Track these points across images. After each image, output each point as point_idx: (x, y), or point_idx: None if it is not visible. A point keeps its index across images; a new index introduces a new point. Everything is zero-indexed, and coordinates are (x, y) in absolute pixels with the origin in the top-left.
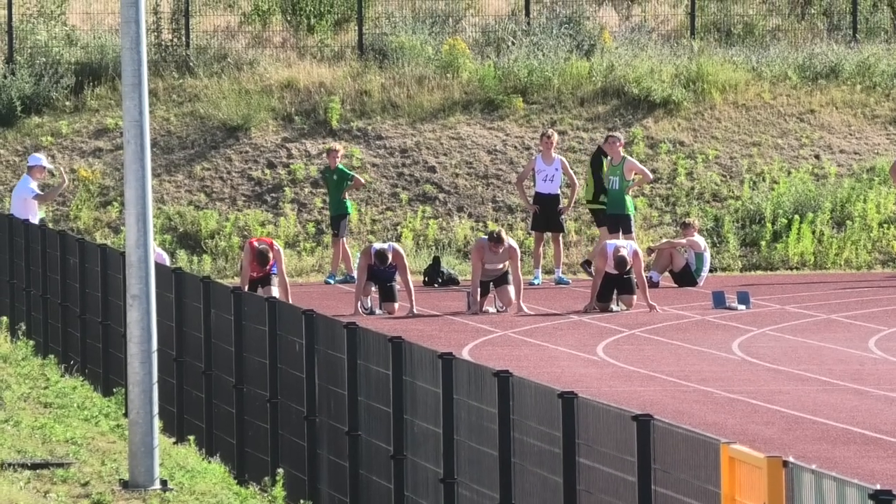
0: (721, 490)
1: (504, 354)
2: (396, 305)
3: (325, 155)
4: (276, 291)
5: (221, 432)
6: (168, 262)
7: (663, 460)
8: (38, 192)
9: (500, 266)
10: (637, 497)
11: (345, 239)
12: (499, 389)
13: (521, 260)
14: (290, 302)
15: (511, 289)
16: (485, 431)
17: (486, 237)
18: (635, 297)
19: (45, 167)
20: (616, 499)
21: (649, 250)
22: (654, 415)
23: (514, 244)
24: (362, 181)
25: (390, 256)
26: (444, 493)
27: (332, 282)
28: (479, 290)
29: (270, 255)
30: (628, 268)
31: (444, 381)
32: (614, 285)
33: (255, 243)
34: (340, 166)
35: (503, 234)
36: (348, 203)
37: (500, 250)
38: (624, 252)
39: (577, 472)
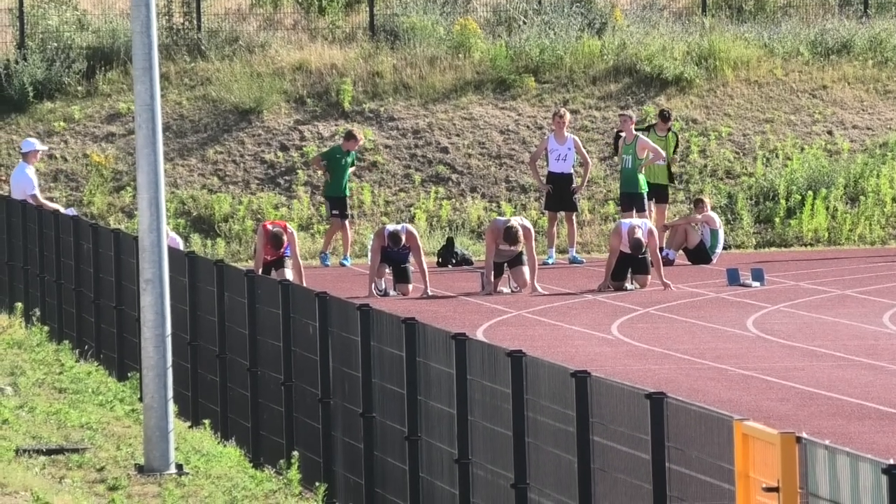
0: (735, 467)
1: (518, 334)
2: (410, 287)
3: (342, 137)
4: (289, 274)
5: (236, 416)
6: (182, 247)
7: (677, 438)
8: (37, 190)
9: (515, 247)
10: (651, 475)
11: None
12: (512, 369)
13: (535, 240)
14: (305, 284)
15: (525, 269)
16: (499, 411)
17: (502, 222)
18: (650, 276)
19: (38, 150)
20: (631, 477)
21: (664, 227)
22: (668, 393)
23: (528, 224)
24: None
25: (404, 238)
26: (458, 473)
27: (347, 263)
28: (492, 270)
29: (284, 237)
30: (644, 250)
31: (458, 361)
32: (629, 264)
33: (269, 226)
34: (353, 152)
35: (520, 233)
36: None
37: (515, 248)
38: (639, 234)
39: (592, 450)
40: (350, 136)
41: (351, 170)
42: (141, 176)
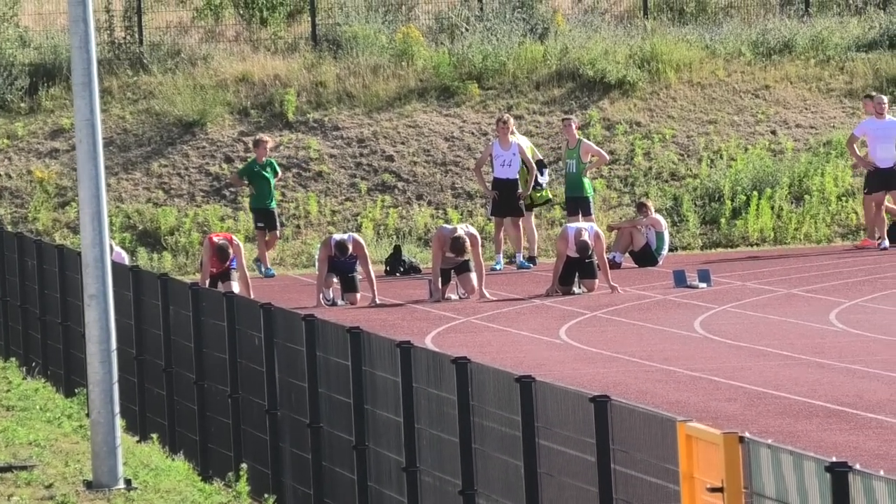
0: (679, 468)
1: (467, 341)
2: (358, 296)
3: (253, 147)
4: (236, 286)
5: (184, 429)
6: (127, 261)
7: (622, 440)
8: None
9: (462, 257)
10: (597, 477)
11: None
12: (457, 376)
13: (482, 246)
14: (252, 296)
15: (473, 276)
16: (445, 418)
17: (448, 230)
18: (597, 281)
19: None
20: (577, 480)
21: (609, 228)
22: (616, 395)
23: (475, 231)
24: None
25: (350, 247)
26: (406, 481)
27: (274, 273)
28: (440, 277)
29: (230, 250)
30: (590, 252)
31: (403, 369)
32: (576, 269)
33: (215, 239)
34: (270, 159)
35: (467, 243)
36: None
37: (462, 257)
38: (585, 236)
39: (538, 455)
40: (255, 143)
41: (277, 178)
42: (83, 191)
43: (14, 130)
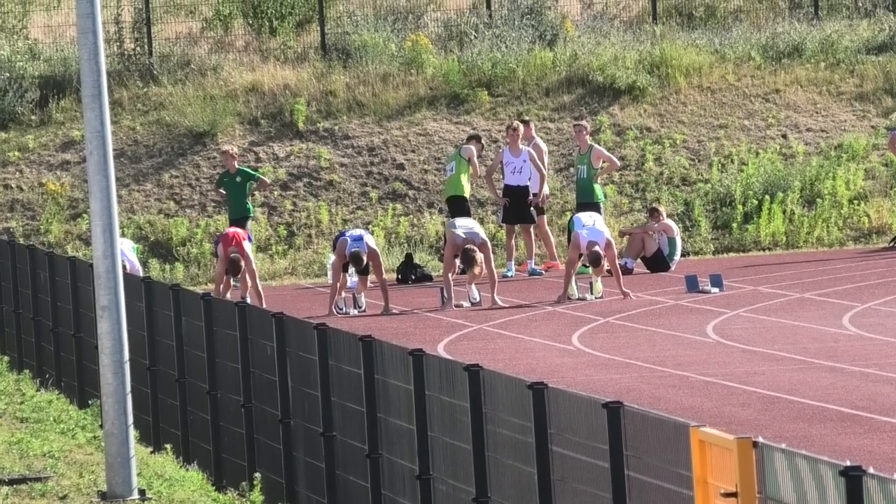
0: (693, 473)
1: (480, 348)
2: (369, 280)
3: (223, 158)
4: (248, 298)
5: (198, 439)
6: (140, 272)
7: (635, 446)
8: None
9: (472, 269)
10: (611, 483)
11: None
12: (470, 383)
13: (494, 253)
14: (264, 306)
15: (479, 255)
16: (458, 426)
17: (461, 239)
18: (604, 265)
19: None
20: (590, 486)
21: (621, 233)
22: (629, 401)
23: (486, 238)
24: (268, 181)
25: (365, 259)
26: (420, 489)
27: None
28: (451, 285)
29: (242, 263)
30: (601, 262)
31: (416, 377)
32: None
33: (229, 250)
34: (243, 168)
35: (477, 255)
36: (251, 205)
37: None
38: (597, 248)
39: (551, 461)
40: (223, 154)
41: (260, 184)
42: (94, 203)
43: (25, 143)
